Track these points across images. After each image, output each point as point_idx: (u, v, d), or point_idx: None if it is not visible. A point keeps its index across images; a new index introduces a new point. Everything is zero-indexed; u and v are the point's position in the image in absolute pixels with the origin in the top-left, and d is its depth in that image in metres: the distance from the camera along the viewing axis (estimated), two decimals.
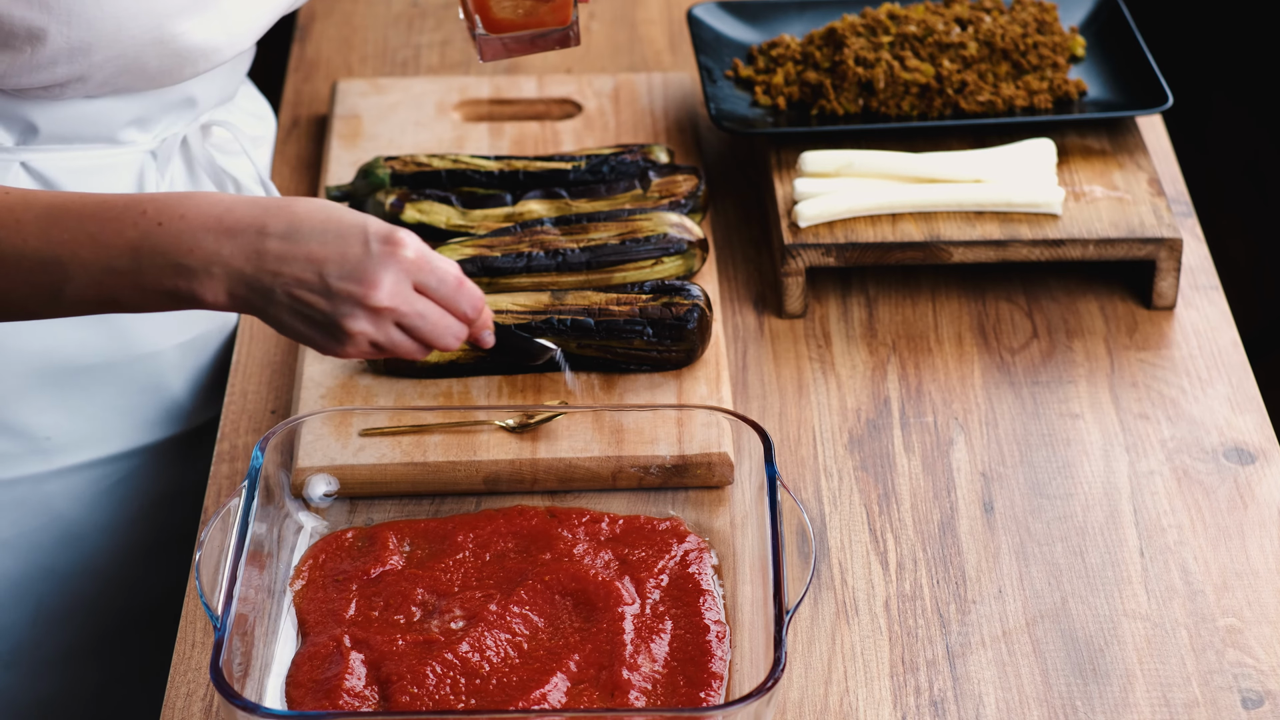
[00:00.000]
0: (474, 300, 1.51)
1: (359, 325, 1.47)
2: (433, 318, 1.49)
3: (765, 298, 1.93)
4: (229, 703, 1.42)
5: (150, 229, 1.46)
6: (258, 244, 1.45)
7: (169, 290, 1.47)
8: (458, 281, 1.50)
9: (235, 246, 1.45)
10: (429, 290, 1.49)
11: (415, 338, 1.50)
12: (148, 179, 1.80)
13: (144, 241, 1.46)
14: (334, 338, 1.48)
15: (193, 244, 1.46)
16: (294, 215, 1.46)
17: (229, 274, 1.46)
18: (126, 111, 1.75)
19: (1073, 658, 1.58)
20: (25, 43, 1.62)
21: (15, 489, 1.82)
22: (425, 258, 1.48)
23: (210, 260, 1.46)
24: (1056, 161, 1.97)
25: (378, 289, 1.46)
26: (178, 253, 1.46)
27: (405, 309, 1.48)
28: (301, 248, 1.45)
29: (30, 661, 1.89)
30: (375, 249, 1.46)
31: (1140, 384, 1.83)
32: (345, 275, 1.46)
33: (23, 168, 1.73)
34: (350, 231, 1.46)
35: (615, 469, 1.70)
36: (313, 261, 1.45)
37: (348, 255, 1.45)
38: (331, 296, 1.46)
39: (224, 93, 1.85)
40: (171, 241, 1.46)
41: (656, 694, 1.50)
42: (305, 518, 1.66)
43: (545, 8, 1.70)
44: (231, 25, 1.72)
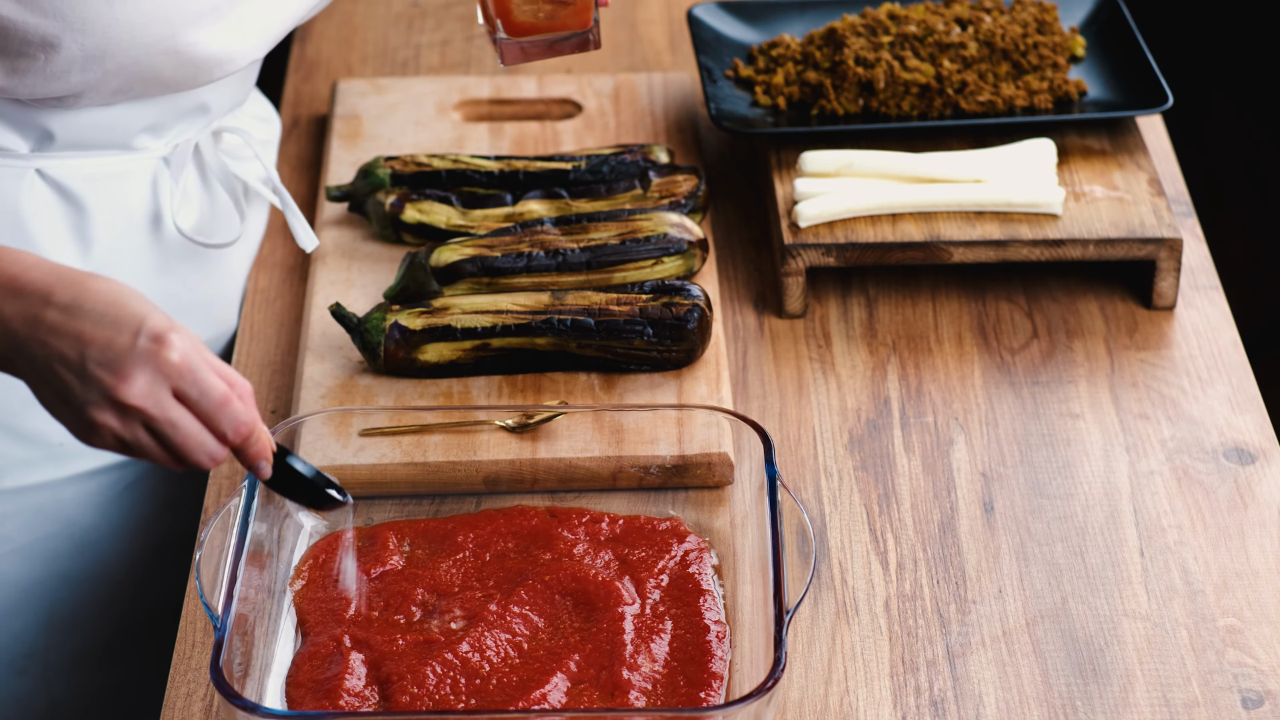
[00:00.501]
0: (237, 424, 1.43)
1: (104, 417, 1.41)
2: (185, 429, 1.42)
3: (765, 298, 1.93)
4: (229, 703, 1.42)
5: None
6: (38, 310, 1.42)
7: None
8: (222, 399, 1.42)
9: (16, 307, 1.42)
10: (188, 400, 1.42)
11: (164, 446, 1.43)
12: (161, 185, 1.80)
13: None
14: (81, 424, 1.43)
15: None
16: (82, 290, 1.42)
17: (4, 334, 1.42)
18: (141, 118, 1.76)
19: (1073, 658, 1.58)
20: (39, 51, 1.63)
21: (30, 496, 1.82)
22: (189, 366, 1.41)
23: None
24: (1056, 161, 1.97)
25: (128, 384, 1.40)
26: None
27: (155, 413, 1.41)
28: (75, 324, 1.41)
29: (42, 666, 1.89)
30: (141, 344, 1.40)
31: (1140, 384, 1.83)
32: (102, 363, 1.40)
33: (38, 174, 1.74)
34: (125, 320, 1.41)
35: (615, 469, 1.70)
36: (79, 341, 1.41)
37: (113, 343, 1.40)
38: (85, 380, 1.41)
39: (236, 99, 1.86)
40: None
41: (656, 694, 1.50)
42: (305, 517, 1.66)
43: (566, 11, 1.70)
44: (245, 34, 1.72)
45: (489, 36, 1.72)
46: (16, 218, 1.73)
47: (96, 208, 1.76)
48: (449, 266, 1.83)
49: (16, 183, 1.73)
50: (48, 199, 1.74)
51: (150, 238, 1.81)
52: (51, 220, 1.75)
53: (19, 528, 1.83)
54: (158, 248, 1.81)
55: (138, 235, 1.80)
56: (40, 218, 1.74)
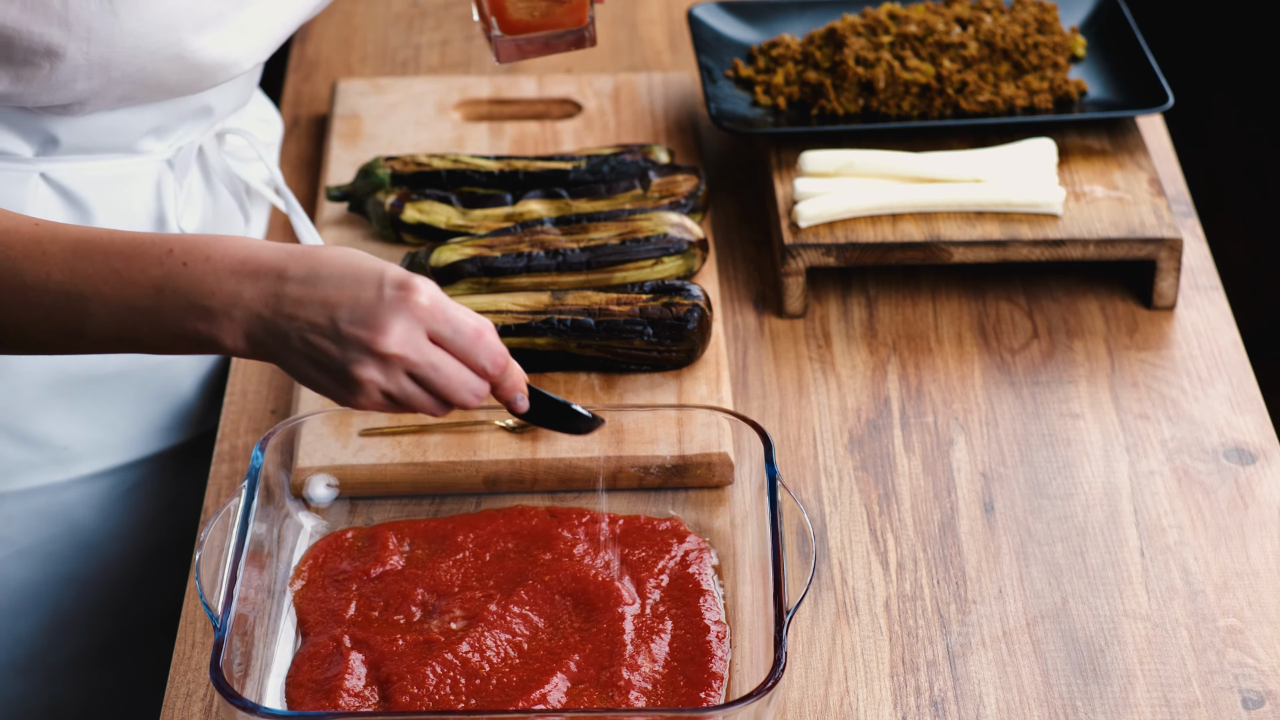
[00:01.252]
0: (494, 355, 1.46)
1: (368, 373, 1.43)
2: (447, 370, 1.45)
3: (765, 298, 1.93)
4: (229, 703, 1.42)
5: (175, 268, 1.44)
6: (277, 287, 1.43)
7: (189, 333, 1.45)
8: (476, 333, 1.45)
9: (255, 290, 1.43)
10: (444, 340, 1.44)
11: (429, 390, 1.45)
12: (165, 188, 1.80)
13: (168, 281, 1.44)
14: (345, 385, 1.45)
15: (215, 286, 1.44)
16: (315, 260, 1.44)
17: (248, 317, 1.44)
18: (145, 121, 1.76)
19: (1073, 658, 1.57)
20: (44, 60, 1.63)
21: (35, 499, 1.82)
22: (440, 306, 1.44)
23: (231, 303, 1.44)
24: (1057, 161, 1.97)
25: (386, 334, 1.42)
26: (200, 294, 1.44)
27: (416, 358, 1.43)
28: (318, 292, 1.43)
29: (44, 668, 1.89)
30: (388, 294, 1.42)
31: (1140, 384, 1.83)
32: (355, 320, 1.42)
33: (42, 178, 1.74)
34: (366, 276, 1.43)
35: (615, 469, 1.70)
36: (326, 306, 1.43)
37: (360, 300, 1.42)
38: (342, 341, 1.43)
39: (239, 101, 1.86)
40: (195, 282, 1.44)
41: (656, 694, 1.50)
42: (305, 518, 1.66)
43: (561, 9, 1.70)
44: (248, 38, 1.72)
45: (484, 34, 1.72)
46: None
47: (100, 211, 1.76)
48: (449, 266, 1.83)
49: (21, 187, 1.73)
50: (52, 202, 1.74)
51: None
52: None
53: (22, 530, 1.83)
54: None
55: None
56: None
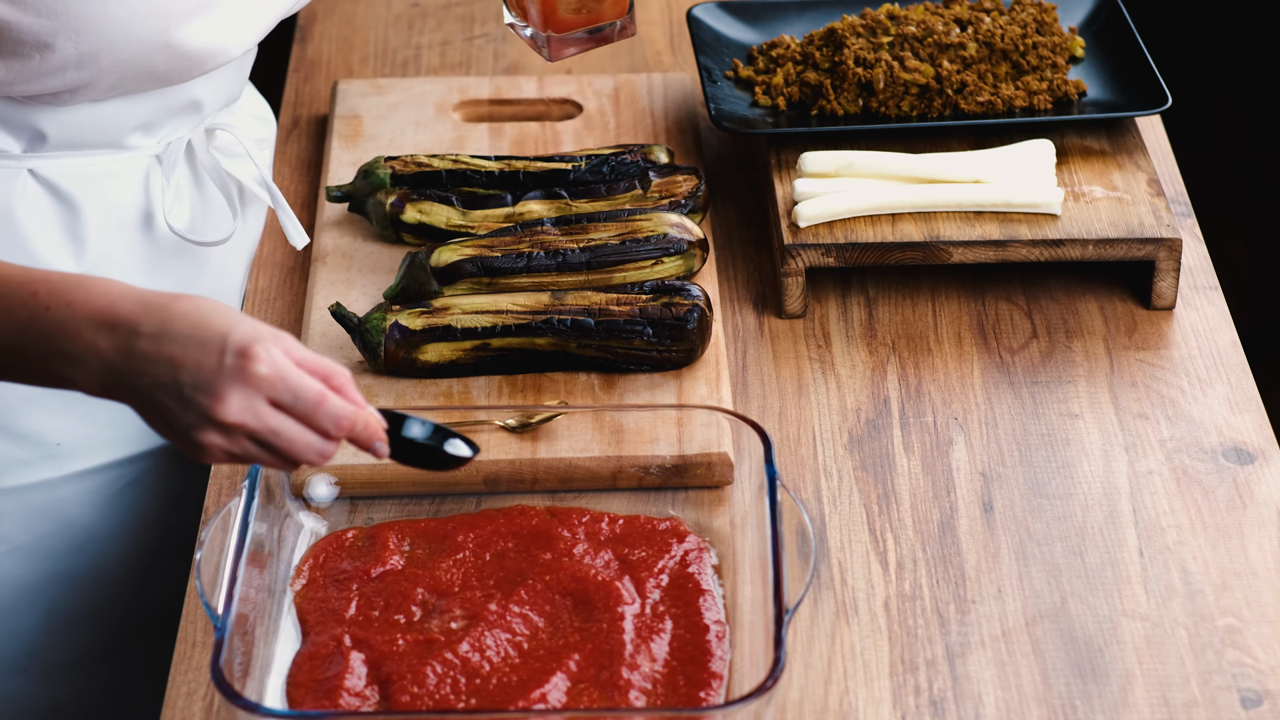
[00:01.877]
0: (337, 417, 1.44)
1: (209, 438, 1.43)
2: (288, 435, 1.44)
3: (765, 298, 1.93)
4: (229, 702, 1.42)
5: (39, 311, 1.45)
6: (130, 341, 1.43)
7: (52, 374, 1.46)
8: (317, 398, 1.43)
9: (110, 341, 1.44)
10: (285, 407, 1.43)
11: (273, 452, 1.45)
12: (153, 184, 1.80)
13: (31, 322, 1.45)
14: (189, 446, 1.45)
15: (74, 332, 1.44)
16: (167, 316, 1.43)
17: (102, 367, 1.44)
18: (133, 116, 1.76)
19: (1072, 658, 1.58)
20: (34, 51, 1.63)
21: (27, 495, 1.82)
22: (280, 375, 1.42)
23: (88, 351, 1.44)
24: (1056, 162, 1.97)
25: (223, 404, 1.42)
26: (60, 339, 1.44)
27: (256, 425, 1.43)
28: (165, 350, 1.42)
29: (42, 666, 1.89)
30: (228, 362, 1.41)
31: (1140, 384, 1.83)
32: (196, 385, 1.42)
33: (30, 175, 1.74)
34: (210, 340, 1.42)
35: (615, 469, 1.70)
36: (172, 365, 1.42)
37: (203, 365, 1.42)
38: (184, 404, 1.43)
39: (229, 95, 1.86)
40: (56, 327, 1.44)
41: (656, 694, 1.50)
42: (305, 517, 1.66)
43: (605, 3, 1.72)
44: (235, 26, 1.72)
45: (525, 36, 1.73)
46: (9, 218, 1.73)
47: (89, 207, 1.76)
48: (449, 266, 1.83)
49: (9, 183, 1.73)
50: (40, 199, 1.75)
51: (142, 236, 1.81)
52: (44, 220, 1.75)
53: (16, 527, 1.83)
54: (150, 246, 1.81)
55: (130, 234, 1.80)
56: (33, 218, 1.74)
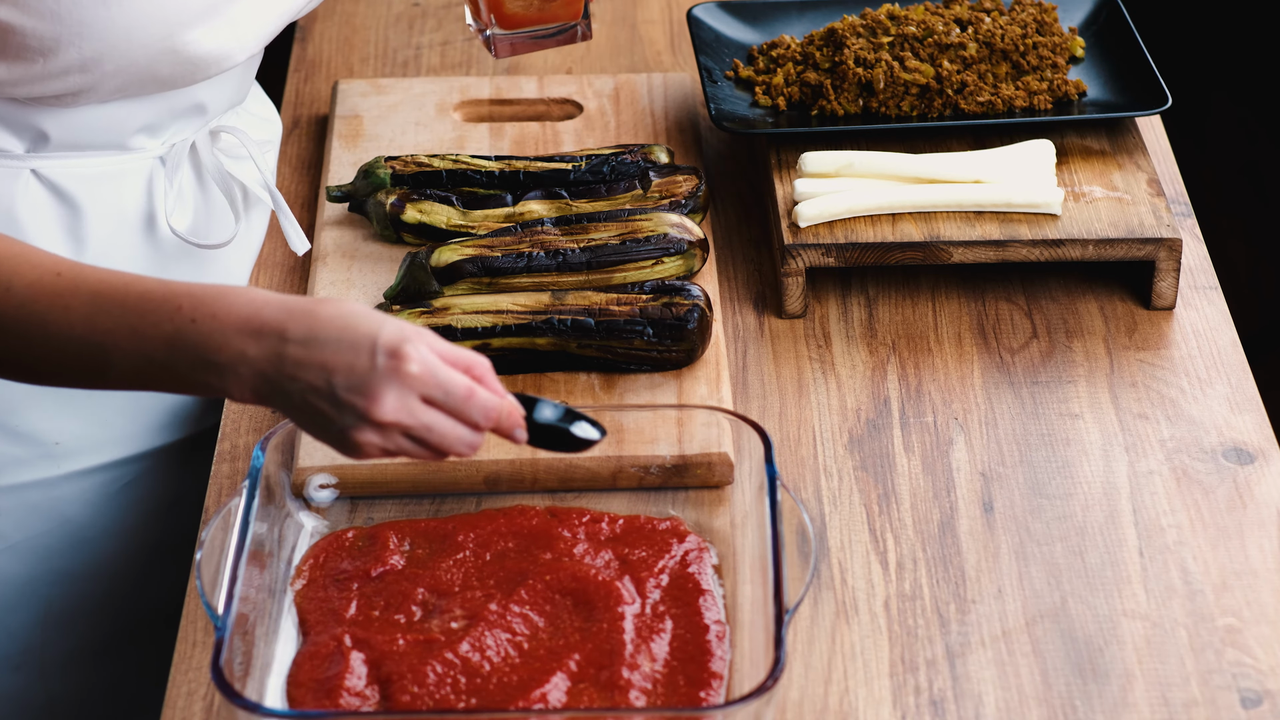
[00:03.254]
0: (486, 410, 1.48)
1: (365, 436, 1.47)
2: (441, 429, 1.48)
3: (765, 298, 1.94)
4: (230, 702, 1.42)
5: (184, 325, 1.48)
6: (279, 347, 1.46)
7: (201, 383, 1.49)
8: (466, 393, 1.48)
9: (259, 349, 1.47)
10: (436, 403, 1.47)
11: (426, 446, 1.48)
12: (156, 186, 1.80)
13: (178, 337, 1.48)
14: (344, 445, 1.48)
15: (222, 342, 1.47)
16: (314, 321, 1.47)
17: (253, 375, 1.47)
18: (137, 118, 1.76)
19: (1072, 657, 1.58)
20: (37, 54, 1.63)
21: (25, 494, 1.82)
22: (431, 371, 1.46)
23: (237, 360, 1.47)
24: (1056, 162, 1.97)
25: (379, 404, 1.45)
26: (208, 350, 1.48)
27: (410, 422, 1.46)
28: (316, 355, 1.46)
29: (39, 663, 1.89)
30: (380, 363, 1.45)
31: (1140, 384, 1.83)
32: (351, 387, 1.46)
33: (33, 175, 1.74)
34: (361, 342, 1.46)
35: (615, 469, 1.70)
36: (324, 370, 1.46)
37: (355, 367, 1.45)
38: (339, 406, 1.46)
39: (234, 98, 1.86)
40: (203, 339, 1.48)
41: (656, 693, 1.50)
42: (306, 517, 1.66)
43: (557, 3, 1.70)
44: (240, 31, 1.72)
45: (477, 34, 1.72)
46: (12, 218, 1.73)
47: (91, 208, 1.76)
48: (449, 266, 1.83)
49: (12, 183, 1.73)
50: (43, 199, 1.75)
51: (144, 238, 1.81)
52: (46, 221, 1.75)
53: (14, 525, 1.83)
54: (152, 248, 1.81)
55: (132, 236, 1.80)
56: (35, 218, 1.74)
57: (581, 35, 1.72)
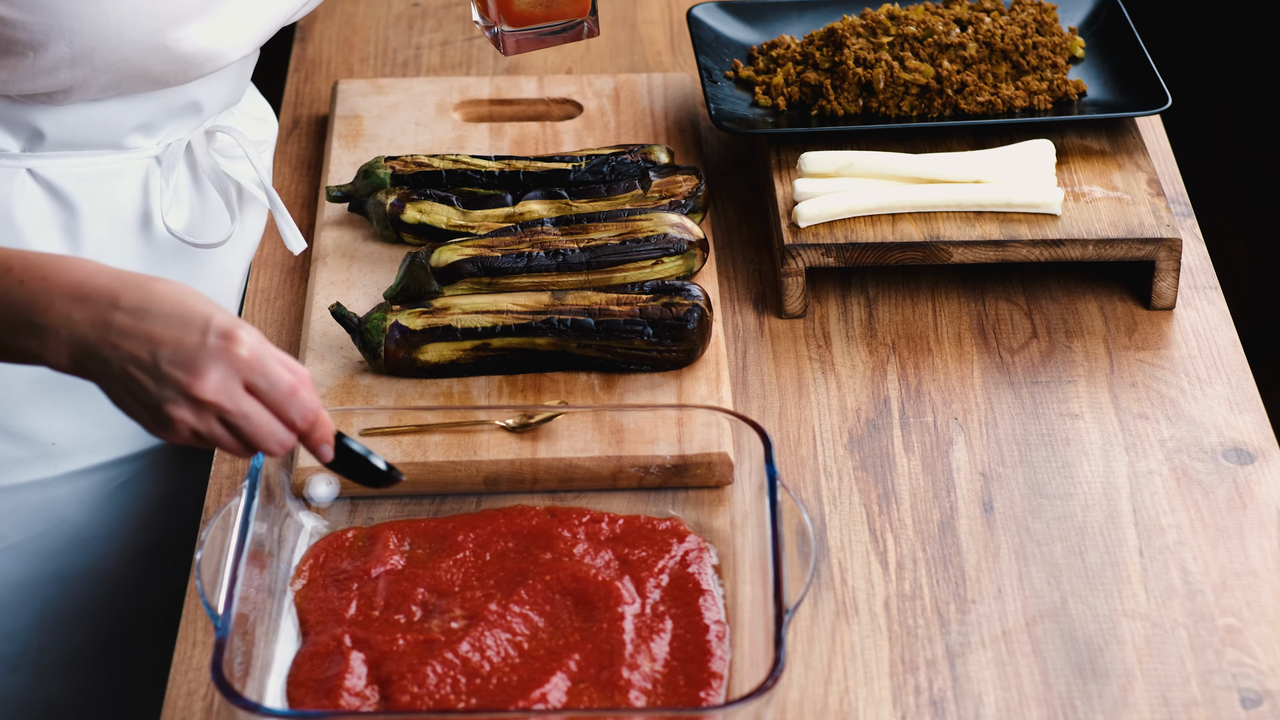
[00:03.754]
0: (305, 411, 1.48)
1: (180, 413, 1.46)
2: (257, 420, 1.47)
3: (765, 298, 1.94)
4: (230, 702, 1.42)
5: (12, 285, 1.48)
6: (106, 314, 1.46)
7: (19, 347, 1.49)
8: (290, 389, 1.47)
9: (85, 313, 1.46)
10: (258, 392, 1.47)
11: (237, 435, 1.48)
12: (152, 185, 1.80)
13: (3, 296, 1.48)
14: (157, 420, 1.47)
15: (47, 304, 1.47)
16: (147, 294, 1.46)
17: (74, 339, 1.46)
18: (132, 117, 1.76)
19: (1072, 657, 1.58)
20: (27, 49, 1.63)
21: (22, 494, 1.82)
22: (259, 359, 1.46)
23: (60, 323, 1.47)
24: (1056, 162, 1.97)
25: (202, 380, 1.45)
26: (32, 311, 1.47)
27: (229, 405, 1.46)
28: (144, 326, 1.45)
29: (37, 664, 1.89)
30: (211, 342, 1.45)
31: (1140, 384, 1.83)
32: (175, 361, 1.45)
33: (29, 174, 1.74)
34: (192, 319, 1.45)
35: (615, 469, 1.70)
36: (150, 341, 1.45)
37: (183, 342, 1.45)
38: (160, 379, 1.45)
39: (229, 97, 1.86)
40: (29, 300, 1.47)
41: (656, 693, 1.50)
42: (305, 517, 1.66)
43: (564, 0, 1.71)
44: (233, 30, 1.72)
45: (485, 31, 1.72)
46: (7, 217, 1.73)
47: (87, 207, 1.76)
48: (449, 266, 1.83)
49: (8, 183, 1.73)
50: (39, 199, 1.75)
51: (140, 237, 1.81)
52: (42, 220, 1.75)
53: (11, 526, 1.83)
54: (148, 248, 1.81)
55: (128, 235, 1.80)
56: (31, 217, 1.74)
57: (588, 32, 1.72)
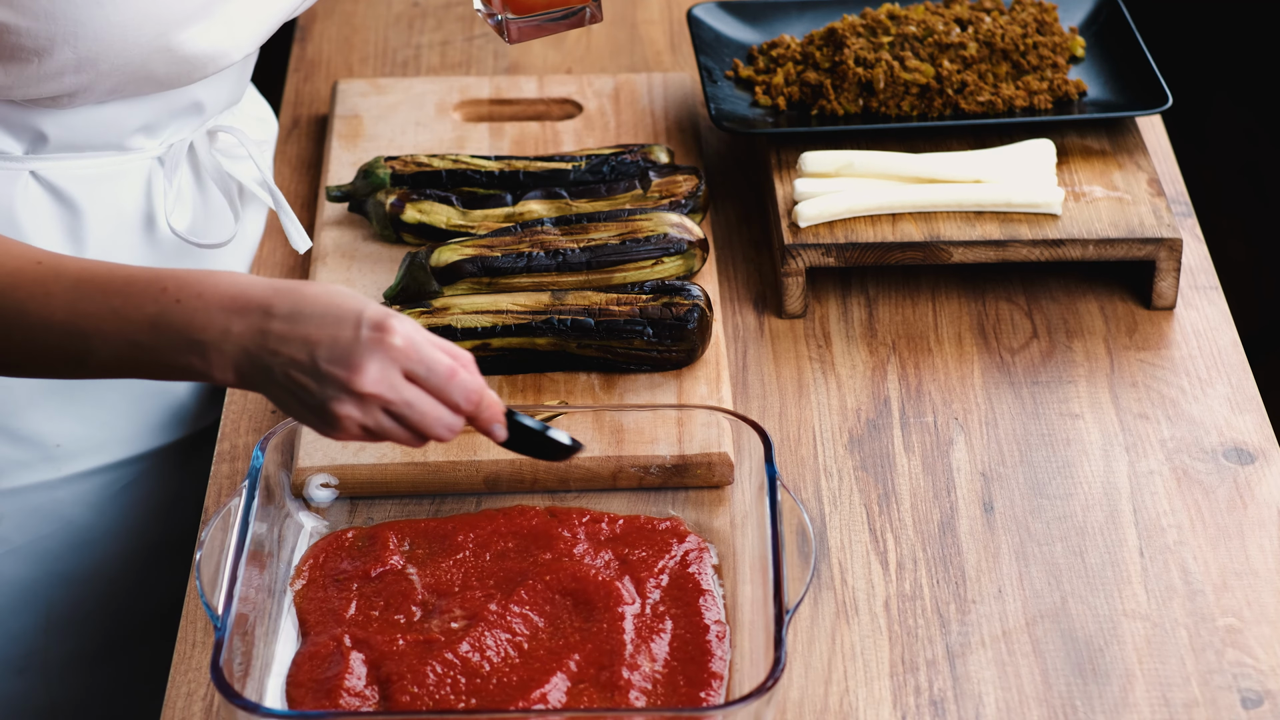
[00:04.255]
0: (468, 392, 1.48)
1: (345, 409, 1.46)
2: (421, 407, 1.47)
3: (765, 298, 1.93)
4: (229, 702, 1.42)
5: (169, 305, 1.48)
6: (263, 323, 1.47)
7: (184, 365, 1.49)
8: (449, 372, 1.48)
9: (243, 325, 1.47)
10: (418, 379, 1.47)
11: (405, 425, 1.48)
12: (155, 186, 1.80)
13: (162, 317, 1.48)
14: (325, 420, 1.48)
15: (206, 321, 1.48)
16: (299, 298, 1.47)
17: (236, 352, 1.47)
18: (135, 118, 1.76)
19: (1072, 657, 1.58)
20: (32, 54, 1.63)
21: (27, 496, 1.82)
22: (415, 346, 1.47)
23: (221, 338, 1.47)
24: (1056, 162, 1.97)
25: (362, 374, 1.45)
26: (192, 329, 1.48)
27: (392, 396, 1.46)
28: (300, 329, 1.46)
29: (41, 666, 1.89)
30: (365, 335, 1.45)
31: (1140, 384, 1.83)
32: (333, 359, 1.46)
33: (32, 176, 1.74)
34: (345, 315, 1.46)
35: (615, 469, 1.70)
36: (307, 343, 1.46)
37: (339, 339, 1.46)
38: (320, 379, 1.46)
39: (231, 97, 1.86)
40: (188, 318, 1.48)
41: (656, 694, 1.50)
42: (305, 517, 1.66)
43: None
44: (235, 31, 1.72)
45: (488, 19, 1.72)
46: (11, 219, 1.73)
47: (90, 209, 1.76)
48: (449, 266, 1.83)
49: (11, 185, 1.73)
50: (42, 201, 1.75)
51: (144, 238, 1.81)
52: (46, 222, 1.75)
53: (15, 528, 1.83)
54: (152, 248, 1.82)
55: (131, 236, 1.80)
56: (34, 219, 1.74)
57: (591, 18, 1.72)
